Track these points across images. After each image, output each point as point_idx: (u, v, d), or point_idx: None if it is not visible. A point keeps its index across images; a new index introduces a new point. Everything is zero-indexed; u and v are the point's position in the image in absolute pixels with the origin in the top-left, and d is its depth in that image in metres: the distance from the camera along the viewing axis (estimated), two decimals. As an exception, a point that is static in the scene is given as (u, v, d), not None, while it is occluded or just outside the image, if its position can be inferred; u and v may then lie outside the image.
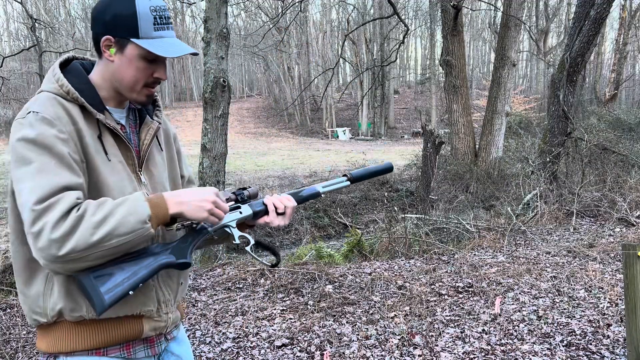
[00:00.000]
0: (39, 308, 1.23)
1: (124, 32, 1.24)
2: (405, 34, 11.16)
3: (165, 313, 1.35)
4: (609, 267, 4.96)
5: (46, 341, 1.27)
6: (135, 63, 1.26)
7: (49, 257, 1.08)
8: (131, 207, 1.14)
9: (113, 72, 1.28)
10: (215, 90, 5.87)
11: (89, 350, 1.26)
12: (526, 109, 27.76)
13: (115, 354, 1.29)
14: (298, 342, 3.54)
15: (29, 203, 1.10)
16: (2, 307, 4.44)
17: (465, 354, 3.25)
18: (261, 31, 21.98)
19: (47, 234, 1.07)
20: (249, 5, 28.47)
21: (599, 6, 7.85)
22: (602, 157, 9.18)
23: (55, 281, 1.21)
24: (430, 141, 9.44)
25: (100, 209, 1.12)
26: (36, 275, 1.24)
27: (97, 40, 1.27)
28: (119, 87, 1.29)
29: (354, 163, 15.07)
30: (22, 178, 1.13)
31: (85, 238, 1.09)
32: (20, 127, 1.17)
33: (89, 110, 1.25)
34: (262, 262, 1.50)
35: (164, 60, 1.30)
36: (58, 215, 1.08)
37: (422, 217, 7.94)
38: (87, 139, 1.22)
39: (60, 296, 1.21)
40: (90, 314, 1.23)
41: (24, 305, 1.27)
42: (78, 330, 1.25)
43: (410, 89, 47.63)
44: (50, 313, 1.22)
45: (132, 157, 1.32)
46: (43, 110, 1.18)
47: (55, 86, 1.24)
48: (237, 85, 50.16)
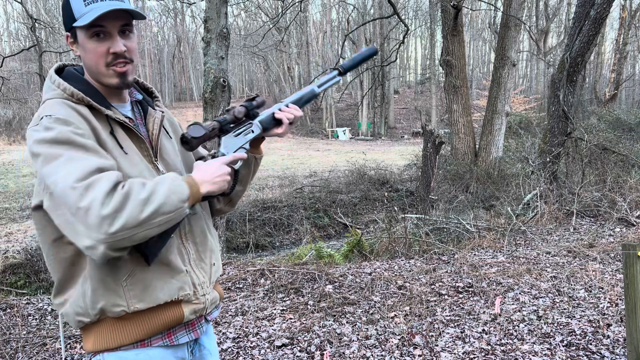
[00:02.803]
0: (81, 309, 1.25)
1: (69, 23, 1.26)
2: (405, 34, 11.16)
3: (202, 295, 1.37)
4: (609, 267, 4.96)
5: (92, 340, 1.29)
6: (87, 46, 1.26)
7: (100, 234, 1.07)
8: (172, 186, 1.17)
9: (84, 65, 1.31)
10: (215, 90, 5.87)
11: (134, 343, 1.28)
12: (526, 109, 27.75)
13: (158, 343, 1.31)
14: (298, 342, 3.54)
15: (69, 183, 1.09)
16: (2, 307, 4.44)
17: (465, 354, 3.25)
18: (261, 31, 21.99)
19: (97, 210, 1.07)
20: (249, 5, 28.47)
21: (599, 6, 7.85)
22: (602, 157, 9.18)
23: (90, 280, 1.23)
24: (430, 141, 9.44)
25: (144, 187, 1.13)
26: (77, 277, 1.26)
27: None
28: (93, 75, 1.30)
29: (354, 163, 15.07)
30: (53, 171, 1.12)
31: (135, 215, 1.09)
32: (36, 132, 1.17)
33: (96, 108, 1.25)
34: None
35: (112, 31, 1.26)
36: (105, 190, 1.08)
37: (422, 217, 7.93)
38: (102, 136, 1.24)
39: (99, 293, 1.23)
40: (131, 307, 1.24)
41: (67, 310, 1.28)
42: (121, 325, 1.27)
43: (410, 89, 47.64)
44: (92, 312, 1.24)
45: (146, 148, 1.33)
46: (55, 113, 1.19)
47: (58, 91, 1.25)
48: (237, 85, 50.15)
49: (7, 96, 29.13)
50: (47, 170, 1.13)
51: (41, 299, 4.85)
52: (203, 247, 1.41)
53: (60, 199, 1.10)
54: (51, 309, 4.47)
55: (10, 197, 13.49)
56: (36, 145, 1.15)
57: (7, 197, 13.50)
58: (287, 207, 11.34)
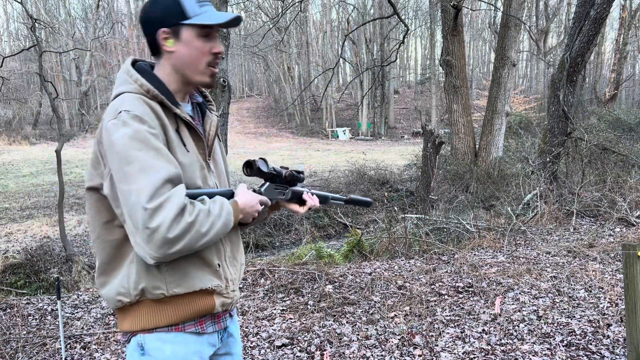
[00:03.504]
0: (124, 289, 1.32)
1: (174, 19, 1.33)
2: (405, 34, 11.15)
3: (232, 290, 1.47)
4: (609, 267, 4.96)
5: (129, 320, 1.36)
6: (193, 44, 1.35)
7: (158, 253, 1.20)
8: (226, 221, 1.32)
9: (176, 62, 1.37)
10: (215, 90, 5.87)
11: (169, 326, 1.35)
12: (526, 109, 27.74)
13: (191, 330, 1.39)
14: (298, 342, 3.54)
15: (141, 203, 1.18)
16: (2, 307, 4.44)
17: (465, 354, 3.25)
18: (261, 31, 21.99)
19: (164, 233, 1.18)
20: (249, 5, 28.46)
21: (599, 6, 7.85)
22: (602, 157, 9.18)
23: (136, 262, 1.30)
24: (430, 141, 9.44)
25: (207, 218, 1.26)
26: (123, 259, 1.33)
27: (153, 40, 1.36)
28: (185, 74, 1.38)
29: (354, 163, 15.06)
30: (126, 179, 1.21)
31: (191, 244, 1.24)
32: (115, 126, 1.23)
33: (167, 105, 1.34)
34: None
35: (216, 34, 1.39)
36: (173, 214, 1.19)
37: (422, 217, 7.93)
38: (170, 133, 1.32)
39: (142, 275, 1.30)
40: (170, 290, 1.32)
41: (108, 291, 1.35)
42: (159, 308, 1.34)
43: (410, 89, 47.62)
44: (134, 292, 1.31)
45: (203, 147, 1.44)
46: (133, 109, 1.26)
47: (135, 86, 1.32)
48: (237, 85, 50.15)
49: (7, 96, 29.15)
50: (119, 175, 1.22)
51: (41, 299, 4.85)
52: (237, 247, 1.53)
53: (129, 210, 1.21)
54: (51, 309, 4.47)
55: (10, 197, 13.49)
56: (115, 141, 1.22)
57: (7, 197, 13.50)
58: (287, 207, 11.32)
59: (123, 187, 1.21)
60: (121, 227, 1.31)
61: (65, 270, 7.66)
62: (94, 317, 4.24)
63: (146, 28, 1.36)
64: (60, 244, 8.24)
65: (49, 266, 7.73)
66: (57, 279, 3.42)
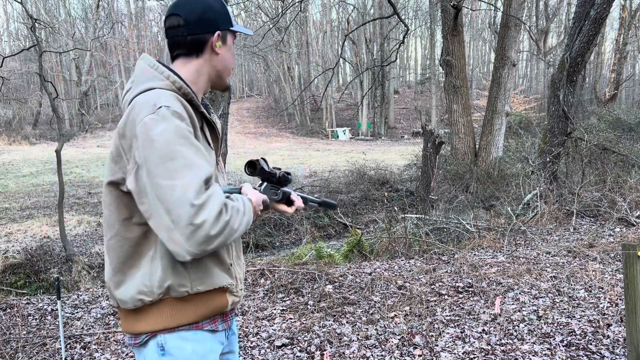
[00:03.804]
0: (146, 287, 1.30)
1: (225, 25, 1.44)
2: (405, 34, 11.15)
3: (240, 289, 1.50)
4: (609, 267, 4.96)
5: (149, 320, 1.33)
6: (232, 49, 1.49)
7: (198, 249, 1.20)
8: (249, 218, 1.34)
9: (218, 63, 1.45)
10: (215, 90, 5.87)
11: (190, 324, 1.36)
12: (526, 109, 27.74)
13: (207, 328, 1.40)
14: (298, 342, 3.54)
15: (189, 199, 1.18)
16: (2, 307, 4.44)
17: (465, 354, 3.25)
18: (261, 31, 21.98)
19: (208, 230, 1.19)
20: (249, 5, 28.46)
21: (599, 6, 7.85)
22: (602, 157, 9.17)
23: (161, 260, 1.30)
24: (430, 141, 9.44)
25: (237, 217, 1.28)
26: (142, 257, 1.32)
27: (203, 39, 1.41)
28: (221, 75, 1.48)
29: (354, 163, 15.06)
30: (170, 174, 1.19)
31: (225, 241, 1.25)
32: (154, 121, 1.22)
33: (195, 104, 1.37)
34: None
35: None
36: (216, 212, 1.21)
37: (422, 217, 7.93)
38: (198, 131, 1.36)
39: (168, 273, 1.30)
40: (194, 288, 1.33)
41: (126, 290, 1.32)
42: (181, 306, 1.34)
43: (410, 89, 47.62)
44: (158, 290, 1.30)
45: (217, 147, 1.50)
46: (172, 105, 1.26)
47: (167, 82, 1.33)
48: (237, 85, 50.15)
49: (7, 96, 29.15)
50: (163, 170, 1.19)
51: (41, 299, 4.85)
52: (240, 247, 1.57)
53: (170, 206, 1.18)
54: (51, 309, 4.47)
55: (10, 197, 13.49)
56: (157, 136, 1.21)
57: (7, 197, 13.50)
58: (287, 207, 11.32)
59: (164, 182, 1.19)
60: (140, 224, 1.30)
61: (65, 270, 7.66)
62: (94, 317, 4.24)
63: (198, 27, 1.39)
64: (60, 244, 8.24)
65: (49, 266, 7.73)
66: (57, 279, 3.42)
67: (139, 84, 1.34)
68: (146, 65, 1.37)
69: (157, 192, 1.20)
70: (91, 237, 9.50)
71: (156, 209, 1.21)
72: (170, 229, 1.20)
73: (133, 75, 1.40)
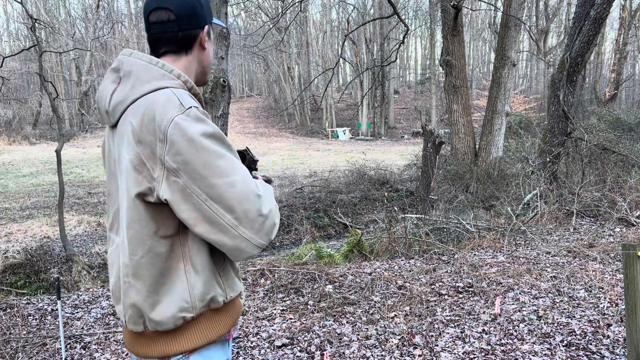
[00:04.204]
0: (187, 303, 1.21)
1: (210, 18, 1.36)
2: (405, 34, 11.15)
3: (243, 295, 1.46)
4: (609, 267, 4.96)
5: (189, 337, 1.25)
6: (214, 43, 1.41)
7: (266, 239, 1.20)
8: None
9: (204, 59, 1.37)
10: (215, 90, 5.87)
11: (225, 334, 1.32)
12: (526, 109, 27.74)
13: (234, 335, 1.39)
14: (298, 342, 3.54)
15: (254, 191, 1.17)
16: (2, 307, 4.44)
17: (465, 354, 3.25)
18: (261, 31, 21.99)
19: (273, 218, 1.21)
20: (249, 5, 28.46)
21: (599, 6, 7.85)
22: (602, 157, 9.17)
23: (202, 272, 1.23)
24: (430, 141, 9.44)
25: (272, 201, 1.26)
26: (175, 272, 1.22)
27: (194, 35, 1.32)
28: (206, 72, 1.39)
29: (354, 163, 15.06)
30: (224, 171, 1.15)
31: (276, 226, 1.24)
32: (188, 122, 1.14)
33: (202, 103, 1.31)
34: None
35: None
36: (274, 201, 1.25)
37: (422, 217, 7.93)
38: None
39: (210, 284, 1.24)
40: (228, 296, 1.30)
41: (165, 310, 1.21)
42: (217, 316, 1.29)
43: (410, 89, 47.63)
44: (200, 304, 1.23)
45: None
46: (197, 105, 1.21)
47: (179, 82, 1.25)
48: (237, 85, 50.15)
49: (7, 96, 29.17)
50: (214, 169, 1.14)
51: (41, 299, 4.85)
52: None
53: (234, 201, 1.14)
54: (51, 309, 4.47)
55: (10, 197, 13.49)
56: (200, 137, 1.14)
57: (7, 197, 13.50)
58: (287, 207, 11.34)
59: (220, 181, 1.13)
60: (166, 237, 1.20)
61: (65, 270, 7.66)
62: (94, 317, 4.24)
63: (191, 22, 1.30)
64: (60, 244, 8.24)
65: (49, 266, 7.73)
66: (57, 279, 3.42)
67: (143, 83, 1.22)
68: (146, 62, 1.25)
69: (212, 193, 1.13)
70: (91, 237, 9.50)
71: (210, 212, 1.14)
72: (235, 226, 1.15)
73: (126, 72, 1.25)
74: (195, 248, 1.21)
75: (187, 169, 1.13)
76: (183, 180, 1.13)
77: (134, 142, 1.16)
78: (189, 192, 1.14)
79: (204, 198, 1.13)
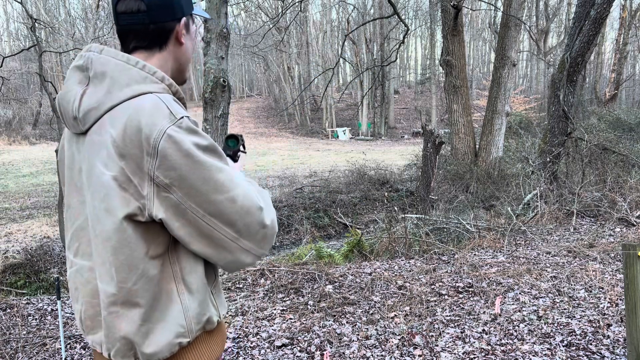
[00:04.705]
0: (183, 328, 1.12)
1: (189, 9, 1.21)
2: (405, 34, 11.15)
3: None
4: (609, 267, 4.96)
5: None
6: (195, 37, 1.25)
7: (267, 249, 1.17)
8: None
9: (182, 55, 1.23)
10: (215, 90, 5.87)
11: (220, 354, 1.24)
12: (526, 109, 27.74)
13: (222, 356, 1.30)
14: (298, 342, 3.54)
15: (256, 203, 1.12)
16: (2, 307, 4.44)
17: (466, 354, 3.25)
18: (261, 31, 22.00)
19: (274, 227, 1.17)
20: (249, 5, 28.47)
21: (599, 6, 7.85)
22: (602, 157, 9.17)
23: (196, 293, 1.14)
24: (430, 141, 9.44)
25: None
26: (168, 295, 1.12)
27: (168, 28, 1.17)
28: (183, 69, 1.25)
29: (354, 163, 15.06)
30: (223, 186, 1.07)
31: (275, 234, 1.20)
32: (184, 134, 1.05)
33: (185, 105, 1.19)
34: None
35: None
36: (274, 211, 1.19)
37: (422, 217, 7.93)
38: None
39: (205, 305, 1.16)
40: (221, 315, 1.23)
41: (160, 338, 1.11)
42: (210, 338, 1.21)
43: (410, 89, 47.63)
44: (196, 327, 1.14)
45: None
46: (189, 115, 1.10)
47: (163, 85, 1.13)
48: (237, 85, 50.16)
49: (7, 96, 29.17)
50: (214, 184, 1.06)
51: (41, 299, 4.85)
52: None
53: (236, 215, 1.08)
54: (51, 309, 4.47)
55: (10, 197, 13.49)
56: (189, 149, 1.04)
57: (7, 197, 13.50)
58: (287, 207, 11.34)
59: (220, 197, 1.06)
60: (156, 257, 1.09)
61: (65, 270, 7.65)
62: (94, 317, 4.23)
63: (164, 13, 1.15)
64: (60, 244, 8.24)
65: (49, 266, 7.73)
66: (57, 279, 3.41)
67: (121, 86, 1.08)
68: (122, 62, 1.10)
69: (211, 209, 1.06)
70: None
71: (208, 228, 1.07)
72: (235, 239, 1.10)
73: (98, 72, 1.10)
74: (188, 267, 1.13)
75: (182, 184, 1.04)
76: (177, 197, 1.05)
77: (116, 156, 1.04)
78: (183, 209, 1.06)
79: (201, 214, 1.06)
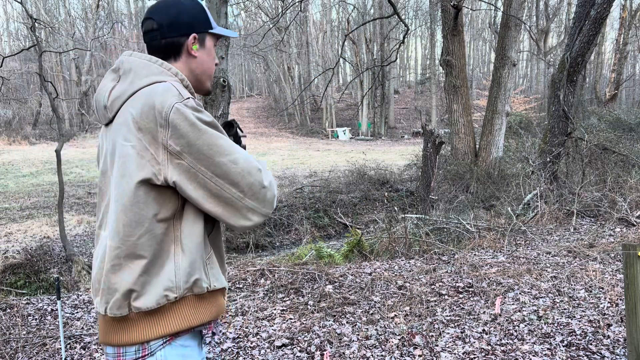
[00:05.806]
0: (172, 283, 1.26)
1: (203, 27, 1.43)
2: (405, 33, 11.14)
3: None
4: (609, 267, 4.96)
5: (171, 320, 1.28)
6: (212, 52, 1.47)
7: (271, 208, 1.32)
8: None
9: (196, 66, 1.44)
10: (215, 90, 5.86)
11: (206, 323, 1.34)
12: (526, 109, 27.73)
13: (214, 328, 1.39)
14: (298, 342, 3.54)
15: (254, 165, 1.28)
16: (2, 307, 4.43)
17: (466, 354, 3.25)
18: (261, 31, 22.00)
19: (274, 188, 1.32)
20: (249, 5, 28.47)
21: (599, 6, 7.85)
22: (602, 157, 9.17)
23: (189, 254, 1.28)
24: (430, 141, 9.43)
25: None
26: (167, 254, 1.28)
27: (178, 42, 1.40)
28: (200, 79, 1.46)
29: (354, 163, 15.06)
30: (225, 150, 1.25)
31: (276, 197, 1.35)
32: (189, 109, 1.24)
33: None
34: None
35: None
36: (272, 176, 1.34)
37: (422, 217, 7.93)
38: None
39: (195, 267, 1.29)
40: (212, 284, 1.33)
41: (151, 289, 1.25)
42: (199, 303, 1.32)
43: (410, 89, 47.62)
44: (184, 285, 1.27)
45: None
46: (195, 98, 1.31)
47: (176, 79, 1.35)
48: (237, 85, 50.15)
49: (7, 96, 29.17)
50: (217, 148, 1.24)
51: (41, 299, 4.84)
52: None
53: (239, 176, 1.25)
54: (51, 309, 4.47)
55: (10, 197, 13.48)
56: (194, 120, 1.23)
57: (7, 197, 13.49)
58: (287, 207, 11.34)
59: (224, 159, 1.24)
60: (163, 220, 1.25)
61: (65, 270, 7.66)
62: (94, 317, 4.23)
63: (172, 30, 1.38)
64: (60, 244, 8.24)
65: (49, 266, 7.73)
66: (57, 279, 3.41)
67: (141, 77, 1.31)
68: (145, 60, 1.34)
69: (217, 171, 1.23)
70: (91, 237, 9.50)
71: (217, 188, 1.24)
72: (240, 198, 1.26)
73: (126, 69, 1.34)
74: (186, 231, 1.28)
75: (191, 150, 1.22)
76: (187, 162, 1.22)
77: (135, 130, 1.24)
78: (194, 172, 1.23)
79: (209, 176, 1.24)
